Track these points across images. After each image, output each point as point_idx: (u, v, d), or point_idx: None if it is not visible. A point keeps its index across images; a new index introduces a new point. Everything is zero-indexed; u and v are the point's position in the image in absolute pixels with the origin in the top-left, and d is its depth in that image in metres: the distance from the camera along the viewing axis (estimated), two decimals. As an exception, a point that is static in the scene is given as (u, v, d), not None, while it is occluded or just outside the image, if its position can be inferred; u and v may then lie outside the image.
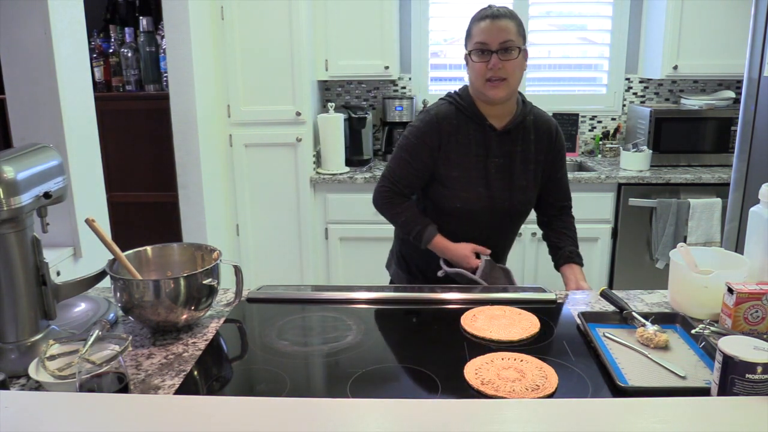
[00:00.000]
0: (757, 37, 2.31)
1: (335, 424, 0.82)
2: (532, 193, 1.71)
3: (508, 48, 1.54)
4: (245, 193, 3.20)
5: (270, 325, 1.36)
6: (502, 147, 1.65)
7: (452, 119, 1.64)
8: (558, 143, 1.73)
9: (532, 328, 1.29)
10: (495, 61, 1.54)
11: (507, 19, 1.55)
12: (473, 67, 1.58)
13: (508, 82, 1.57)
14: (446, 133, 1.63)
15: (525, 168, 1.68)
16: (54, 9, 1.84)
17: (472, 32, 1.58)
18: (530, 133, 1.68)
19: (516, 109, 1.66)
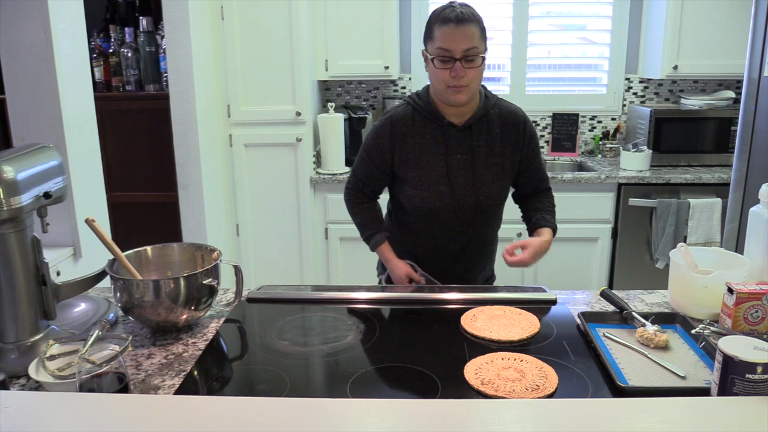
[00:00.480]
0: (757, 37, 2.31)
1: (335, 424, 0.82)
2: (500, 188, 1.67)
3: (471, 56, 1.51)
4: (245, 193, 3.20)
5: (270, 325, 1.36)
6: (463, 143, 1.63)
7: (408, 120, 1.64)
8: (528, 134, 1.68)
9: (532, 328, 1.29)
10: (458, 70, 1.50)
11: (471, 24, 1.50)
12: (435, 73, 1.56)
13: (469, 87, 1.56)
14: (400, 135, 1.64)
15: (490, 162, 1.64)
16: (54, 9, 1.83)
17: (434, 35, 1.53)
18: (495, 126, 1.65)
19: (478, 104, 1.65)
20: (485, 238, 1.76)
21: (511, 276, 3.19)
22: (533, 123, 1.81)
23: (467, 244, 1.71)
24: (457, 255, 1.72)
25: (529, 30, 3.55)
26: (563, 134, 3.61)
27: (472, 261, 1.76)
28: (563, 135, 3.61)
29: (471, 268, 1.77)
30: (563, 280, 3.14)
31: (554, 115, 3.60)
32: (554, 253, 3.11)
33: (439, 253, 1.72)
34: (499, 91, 3.67)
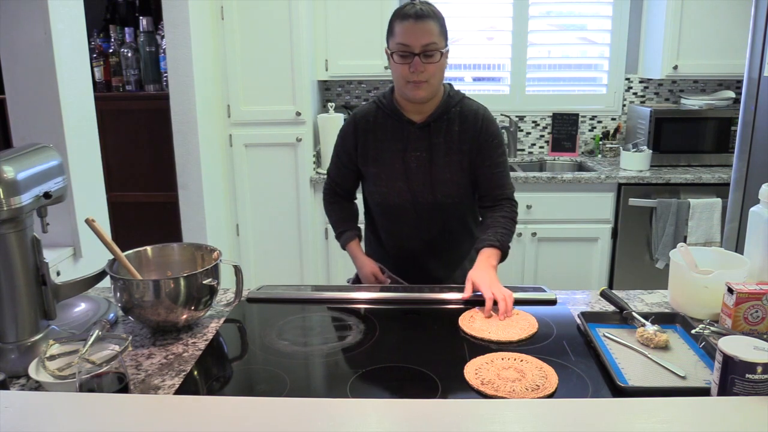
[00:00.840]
0: (757, 37, 2.31)
1: (335, 424, 0.82)
2: (458, 186, 1.64)
3: (430, 51, 1.51)
4: (245, 193, 3.20)
5: (270, 325, 1.36)
6: (422, 141, 1.62)
7: (369, 117, 1.69)
8: (484, 131, 1.62)
9: (530, 328, 1.29)
10: (417, 65, 1.51)
11: (430, 20, 1.51)
12: (395, 68, 1.57)
13: (429, 83, 1.55)
14: (362, 131, 1.68)
15: (448, 160, 1.62)
16: (54, 9, 1.84)
17: (395, 31, 1.54)
18: (455, 124, 1.62)
19: (439, 102, 1.63)
20: (454, 236, 1.72)
21: (511, 276, 3.20)
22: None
23: (435, 243, 1.71)
24: (426, 253, 1.72)
25: (529, 30, 3.55)
26: (563, 134, 3.61)
27: (444, 260, 1.74)
28: (563, 135, 3.61)
29: (444, 266, 1.75)
30: (563, 280, 3.14)
31: (554, 115, 3.60)
32: (554, 253, 3.14)
33: (407, 250, 1.73)
34: (499, 91, 3.67)
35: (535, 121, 3.67)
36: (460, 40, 3.66)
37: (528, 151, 3.72)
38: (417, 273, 1.74)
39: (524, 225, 3.12)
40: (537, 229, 3.12)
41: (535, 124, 3.68)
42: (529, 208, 3.10)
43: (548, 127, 3.67)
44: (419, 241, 1.71)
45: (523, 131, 3.69)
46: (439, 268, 1.75)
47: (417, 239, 1.70)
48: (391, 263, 1.76)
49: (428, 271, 1.74)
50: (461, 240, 1.75)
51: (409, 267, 1.75)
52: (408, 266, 1.75)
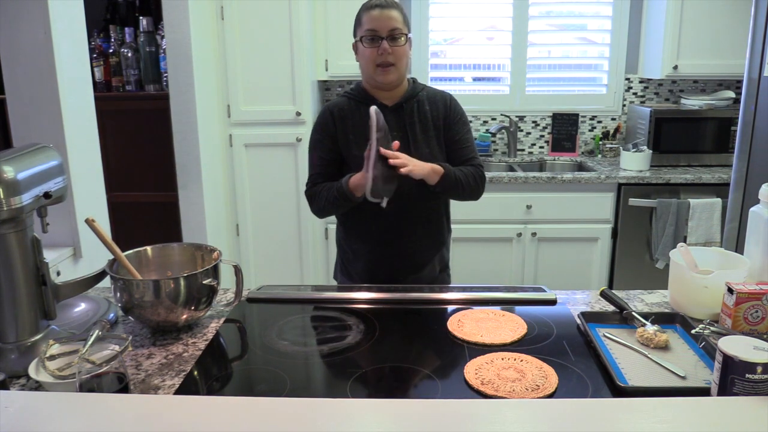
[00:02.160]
0: (757, 37, 2.31)
1: (335, 424, 0.82)
2: (439, 159, 1.73)
3: (396, 36, 1.65)
4: (245, 193, 3.20)
5: (270, 325, 1.36)
6: (397, 121, 1.72)
7: (343, 106, 1.76)
8: (453, 107, 1.78)
9: (519, 329, 1.29)
10: (385, 46, 1.64)
11: (394, 9, 1.67)
12: (364, 53, 1.70)
13: (396, 67, 1.68)
14: (339, 118, 1.74)
15: (426, 136, 1.74)
16: (54, 9, 1.83)
17: (362, 20, 1.69)
18: (425, 104, 1.76)
19: (407, 87, 1.76)
20: (431, 214, 1.79)
21: (511, 276, 3.20)
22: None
23: (416, 222, 1.74)
24: (408, 234, 1.74)
25: (529, 30, 3.55)
26: (563, 134, 3.61)
27: (423, 241, 1.78)
28: (563, 135, 3.61)
29: (423, 248, 1.79)
30: (563, 280, 3.14)
31: (554, 115, 3.60)
32: (554, 253, 3.14)
33: (391, 232, 1.74)
34: (499, 91, 3.67)
35: (535, 121, 3.67)
36: (460, 40, 3.66)
37: (528, 151, 3.72)
38: (398, 256, 1.75)
39: (524, 225, 3.12)
40: (537, 229, 3.12)
41: (535, 124, 3.68)
42: (529, 208, 3.10)
43: (548, 127, 3.67)
44: (403, 220, 1.72)
45: (523, 131, 3.69)
46: (420, 250, 1.77)
47: (402, 218, 1.71)
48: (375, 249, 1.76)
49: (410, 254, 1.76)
50: (436, 218, 1.80)
51: (392, 248, 1.75)
52: (391, 248, 1.75)
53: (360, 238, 1.79)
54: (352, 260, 1.83)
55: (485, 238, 3.14)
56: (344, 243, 1.85)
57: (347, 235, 1.83)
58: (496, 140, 3.68)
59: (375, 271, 1.78)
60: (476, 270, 3.18)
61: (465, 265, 3.19)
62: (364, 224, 1.76)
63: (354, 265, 1.82)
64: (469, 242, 3.17)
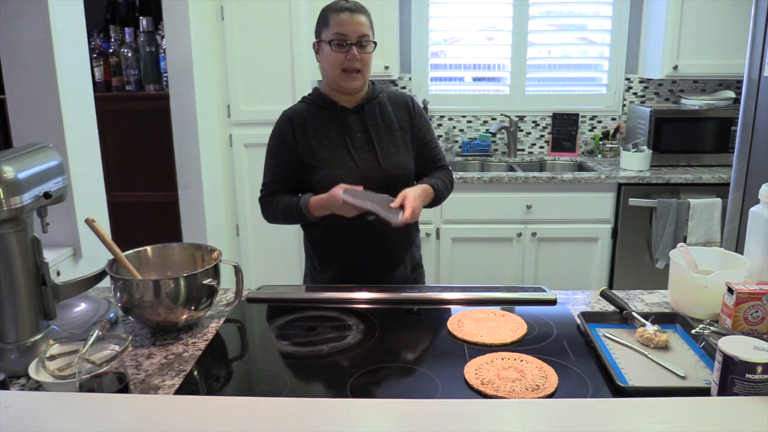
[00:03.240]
0: (757, 37, 2.31)
1: (335, 424, 0.82)
2: (405, 157, 1.72)
3: (364, 42, 1.62)
4: (245, 193, 3.20)
5: (270, 325, 1.36)
6: (359, 123, 1.70)
7: (302, 112, 1.72)
8: (417, 111, 1.77)
9: (520, 329, 1.29)
10: (354, 53, 1.61)
11: (363, 15, 1.63)
12: (330, 57, 1.64)
13: (362, 73, 1.65)
14: (298, 125, 1.70)
15: (391, 136, 1.71)
16: (54, 9, 1.83)
17: (330, 22, 1.62)
18: (386, 105, 1.74)
19: (366, 89, 1.74)
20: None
21: (511, 276, 3.20)
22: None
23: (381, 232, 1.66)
24: (377, 237, 1.69)
25: (529, 30, 3.55)
26: (563, 134, 3.61)
27: (392, 242, 1.73)
28: (563, 135, 3.61)
29: (393, 250, 1.74)
30: (563, 280, 3.14)
31: (554, 115, 3.60)
32: (554, 253, 3.14)
33: (360, 236, 1.68)
34: (499, 91, 3.67)
35: (535, 121, 3.67)
36: (460, 40, 3.66)
37: (528, 151, 3.72)
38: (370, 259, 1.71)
39: (524, 225, 3.13)
40: (537, 229, 3.12)
41: (535, 124, 3.68)
42: (529, 208, 3.10)
43: (548, 127, 3.67)
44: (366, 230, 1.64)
45: (523, 131, 3.69)
46: (391, 251, 1.74)
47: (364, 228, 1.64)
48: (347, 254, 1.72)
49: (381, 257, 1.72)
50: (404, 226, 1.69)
51: (364, 254, 1.71)
52: (363, 254, 1.71)
53: (327, 244, 1.73)
54: (319, 268, 1.77)
55: (485, 238, 3.14)
56: (311, 250, 1.79)
57: (313, 243, 1.78)
58: (496, 140, 3.68)
59: (345, 277, 1.72)
60: (476, 270, 3.18)
61: (465, 265, 3.19)
62: (332, 230, 1.70)
63: (323, 273, 1.76)
64: (469, 242, 3.17)
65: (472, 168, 3.53)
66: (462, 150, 3.60)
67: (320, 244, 1.76)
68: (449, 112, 3.68)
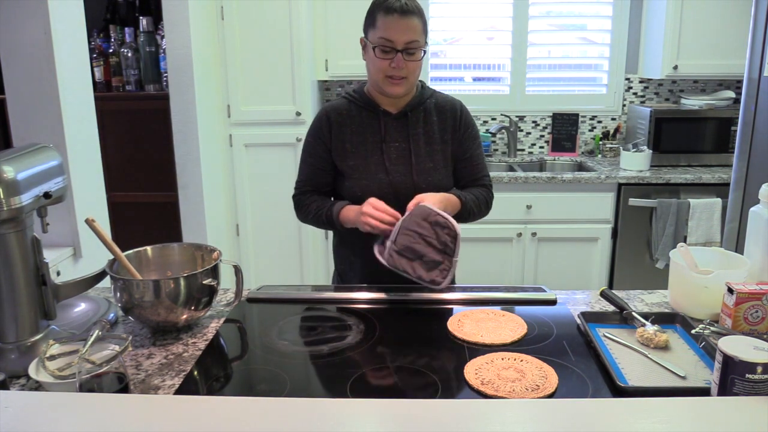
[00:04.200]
0: (757, 37, 2.31)
1: (335, 424, 0.82)
2: (442, 175, 1.64)
3: (413, 49, 1.51)
4: (245, 193, 3.20)
5: (270, 325, 1.36)
6: (400, 131, 1.61)
7: (342, 110, 1.63)
8: (464, 121, 1.66)
9: (520, 329, 1.29)
10: (399, 61, 1.50)
11: (415, 17, 1.50)
12: (374, 62, 1.53)
13: (408, 80, 1.54)
14: (336, 124, 1.62)
15: (431, 149, 1.62)
16: (54, 9, 1.83)
17: (377, 23, 1.51)
18: (432, 114, 1.64)
19: (414, 93, 1.64)
20: None
21: (511, 276, 3.20)
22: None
23: None
24: None
25: (529, 30, 3.55)
26: (563, 134, 3.61)
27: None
28: (563, 135, 3.61)
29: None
30: (563, 280, 3.14)
31: (554, 115, 3.60)
32: (554, 253, 3.14)
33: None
34: (499, 91, 3.67)
35: (535, 121, 3.67)
36: (460, 40, 3.66)
37: (528, 151, 3.72)
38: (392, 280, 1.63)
39: (524, 225, 3.12)
40: (537, 229, 3.12)
41: (535, 124, 3.68)
42: (529, 208, 3.10)
43: (548, 127, 3.67)
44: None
45: (523, 131, 3.69)
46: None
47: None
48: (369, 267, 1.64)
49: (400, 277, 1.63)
50: None
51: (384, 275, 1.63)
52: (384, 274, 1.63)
53: (357, 252, 1.68)
54: (348, 273, 1.74)
55: (485, 238, 3.14)
56: (341, 255, 1.76)
57: (343, 248, 1.74)
58: (496, 140, 3.68)
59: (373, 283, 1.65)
60: (476, 270, 3.18)
61: (465, 265, 3.18)
62: (362, 239, 1.62)
63: (350, 278, 1.73)
64: (469, 242, 3.16)
65: (472, 168, 3.53)
66: (462, 150, 3.60)
67: (349, 249, 1.71)
68: (449, 112, 3.68)
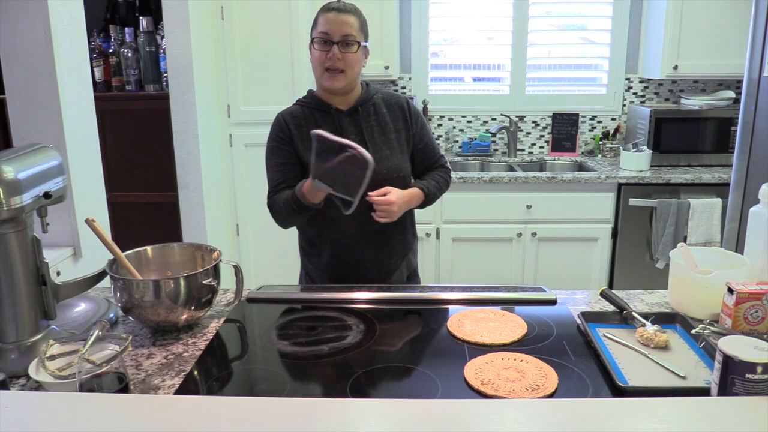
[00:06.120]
0: (757, 37, 2.31)
1: (335, 424, 0.82)
2: (400, 160, 1.70)
3: (348, 42, 1.60)
4: (245, 193, 3.20)
5: (270, 325, 1.37)
6: (354, 125, 1.68)
7: (296, 114, 1.70)
8: (413, 113, 1.76)
9: (520, 329, 1.29)
10: (335, 52, 1.59)
11: (351, 15, 1.62)
12: (314, 55, 1.64)
13: (345, 74, 1.62)
14: (294, 126, 1.68)
15: (385, 138, 1.70)
16: (54, 9, 1.83)
17: (318, 22, 1.65)
18: (381, 107, 1.73)
19: (360, 91, 1.72)
20: (398, 221, 1.69)
21: (512, 276, 3.20)
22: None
23: (382, 229, 1.67)
24: (374, 242, 1.69)
25: (529, 30, 3.55)
26: (563, 134, 3.61)
27: (389, 248, 1.73)
28: (563, 135, 3.61)
29: (391, 256, 1.74)
30: (563, 280, 3.14)
31: (554, 115, 3.60)
32: (554, 253, 3.14)
33: (357, 240, 1.68)
34: (499, 91, 3.67)
35: (535, 121, 3.67)
36: (460, 40, 3.66)
37: (528, 151, 3.72)
38: (368, 263, 1.71)
39: (524, 225, 3.13)
40: (537, 229, 3.12)
41: (535, 124, 3.68)
42: (529, 208, 3.10)
43: (548, 127, 3.67)
44: (370, 226, 1.64)
45: (523, 131, 3.69)
46: (389, 257, 1.74)
47: (368, 225, 1.64)
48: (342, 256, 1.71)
49: (380, 260, 1.72)
50: (404, 226, 1.76)
51: (361, 258, 1.70)
52: (360, 257, 1.70)
53: (324, 247, 1.72)
54: (315, 270, 1.77)
55: (485, 238, 3.14)
56: (307, 252, 1.79)
57: (309, 245, 1.77)
58: (496, 140, 3.68)
59: (341, 281, 1.71)
60: (476, 270, 3.18)
61: (465, 265, 3.19)
62: (329, 233, 1.70)
63: (318, 275, 1.76)
64: (469, 242, 3.17)
65: (472, 168, 3.53)
66: (462, 150, 3.60)
67: (313, 246, 1.75)
68: (449, 112, 3.68)
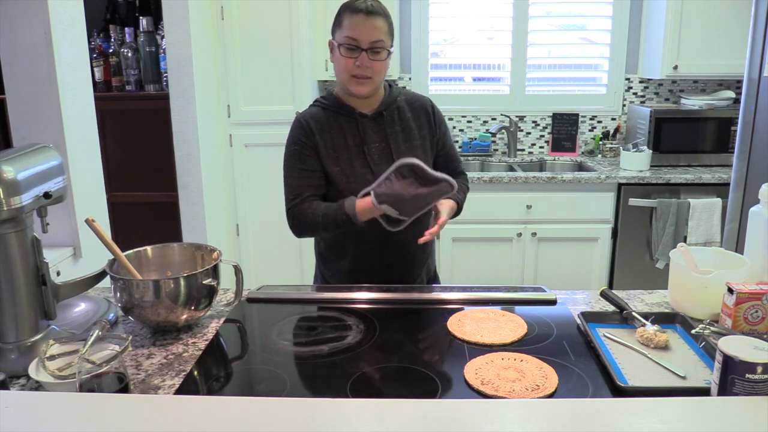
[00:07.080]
0: (757, 37, 2.31)
1: (335, 424, 0.82)
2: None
3: (378, 48, 1.53)
4: (245, 193, 3.20)
5: (270, 325, 1.36)
6: (378, 131, 1.63)
7: (319, 117, 1.63)
8: (437, 117, 1.71)
9: (520, 329, 1.29)
10: (364, 60, 1.52)
11: (380, 18, 1.53)
12: (340, 61, 1.56)
13: (373, 80, 1.56)
14: (317, 130, 1.62)
15: (410, 145, 1.64)
16: (54, 9, 1.83)
17: (344, 23, 1.53)
18: (406, 111, 1.67)
19: (384, 94, 1.66)
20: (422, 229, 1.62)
21: (512, 276, 3.20)
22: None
23: (405, 237, 1.60)
24: (397, 250, 1.65)
25: (529, 30, 3.55)
26: (563, 134, 3.61)
27: (413, 257, 1.69)
28: (563, 135, 3.61)
29: (413, 266, 1.71)
30: (563, 280, 3.14)
31: (554, 115, 3.60)
32: (554, 253, 3.14)
33: (379, 250, 1.64)
34: (499, 91, 3.67)
35: (535, 121, 3.67)
36: (460, 40, 3.66)
37: (528, 151, 3.72)
38: (387, 274, 1.66)
39: (524, 225, 3.13)
40: (537, 229, 3.12)
41: (535, 124, 3.68)
42: (529, 208, 3.10)
43: (548, 127, 3.67)
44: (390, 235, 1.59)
45: (523, 131, 3.69)
46: (410, 268, 1.70)
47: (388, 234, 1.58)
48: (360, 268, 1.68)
49: (399, 271, 1.69)
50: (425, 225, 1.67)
51: (380, 269, 1.67)
52: (379, 268, 1.67)
53: (345, 254, 1.68)
54: (332, 277, 1.73)
55: (485, 238, 3.14)
56: (325, 258, 1.75)
57: (329, 251, 1.73)
58: (496, 140, 3.68)
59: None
60: (476, 270, 3.18)
61: (465, 265, 3.19)
62: (352, 240, 1.64)
63: (336, 282, 1.73)
64: (469, 242, 3.17)
65: (472, 168, 3.53)
66: (462, 150, 3.60)
67: (333, 252, 1.71)
68: (449, 112, 3.68)
